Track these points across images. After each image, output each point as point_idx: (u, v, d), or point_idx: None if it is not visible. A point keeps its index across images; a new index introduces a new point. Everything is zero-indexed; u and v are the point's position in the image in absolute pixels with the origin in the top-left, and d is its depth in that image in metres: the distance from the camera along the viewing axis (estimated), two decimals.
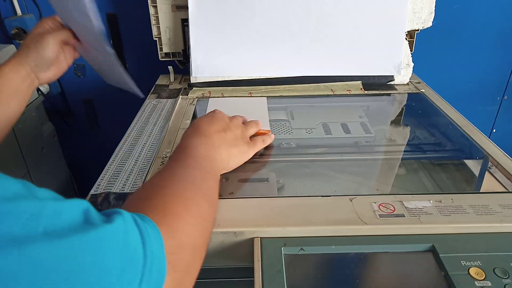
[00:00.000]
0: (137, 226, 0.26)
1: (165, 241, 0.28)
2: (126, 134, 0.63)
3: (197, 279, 0.32)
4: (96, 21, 0.50)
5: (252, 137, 0.57)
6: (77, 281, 0.22)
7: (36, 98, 0.95)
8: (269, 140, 0.58)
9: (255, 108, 0.72)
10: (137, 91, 0.62)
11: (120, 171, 0.53)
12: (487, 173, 0.54)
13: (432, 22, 0.80)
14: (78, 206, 0.25)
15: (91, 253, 0.23)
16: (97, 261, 0.23)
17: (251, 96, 0.77)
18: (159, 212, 0.31)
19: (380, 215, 0.43)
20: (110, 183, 0.50)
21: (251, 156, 0.54)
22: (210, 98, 0.76)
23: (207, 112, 0.69)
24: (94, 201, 0.47)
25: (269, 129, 0.62)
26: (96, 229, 0.23)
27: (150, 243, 0.26)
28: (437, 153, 0.63)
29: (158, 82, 0.88)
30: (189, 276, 0.31)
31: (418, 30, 0.82)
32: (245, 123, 0.58)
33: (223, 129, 0.50)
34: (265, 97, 0.76)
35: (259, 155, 0.57)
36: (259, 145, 0.56)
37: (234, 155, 0.50)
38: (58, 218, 0.23)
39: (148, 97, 0.79)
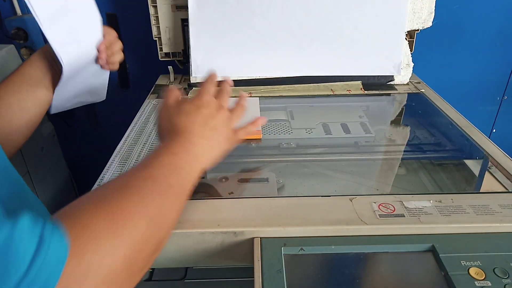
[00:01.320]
0: (40, 236, 0.27)
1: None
2: (126, 134, 0.63)
3: (197, 278, 0.32)
4: None
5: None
6: None
7: None
8: (241, 110, 0.51)
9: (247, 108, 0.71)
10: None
11: (120, 171, 0.53)
12: (487, 173, 0.54)
13: (432, 22, 0.80)
14: None
15: None
16: None
17: (248, 96, 0.77)
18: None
19: (380, 215, 0.43)
20: None
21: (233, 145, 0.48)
22: None
23: None
24: None
25: (260, 129, 0.62)
26: None
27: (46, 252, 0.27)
28: (437, 153, 0.63)
29: (158, 82, 0.88)
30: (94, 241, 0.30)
31: (418, 30, 0.82)
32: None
33: (210, 115, 0.45)
34: (257, 97, 0.76)
35: (259, 155, 0.57)
36: (242, 134, 0.50)
37: (214, 146, 0.44)
38: None
39: (148, 97, 0.79)
